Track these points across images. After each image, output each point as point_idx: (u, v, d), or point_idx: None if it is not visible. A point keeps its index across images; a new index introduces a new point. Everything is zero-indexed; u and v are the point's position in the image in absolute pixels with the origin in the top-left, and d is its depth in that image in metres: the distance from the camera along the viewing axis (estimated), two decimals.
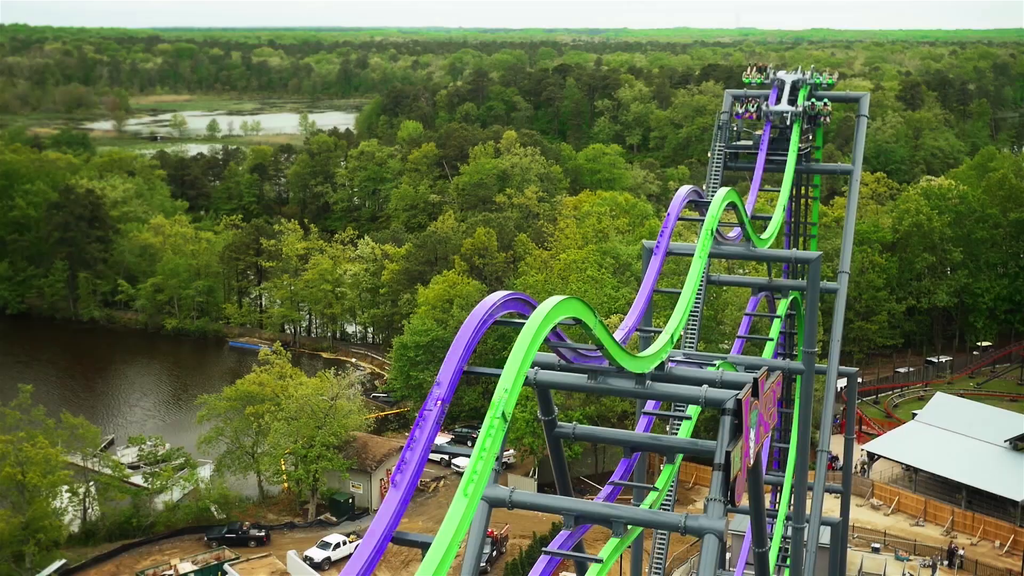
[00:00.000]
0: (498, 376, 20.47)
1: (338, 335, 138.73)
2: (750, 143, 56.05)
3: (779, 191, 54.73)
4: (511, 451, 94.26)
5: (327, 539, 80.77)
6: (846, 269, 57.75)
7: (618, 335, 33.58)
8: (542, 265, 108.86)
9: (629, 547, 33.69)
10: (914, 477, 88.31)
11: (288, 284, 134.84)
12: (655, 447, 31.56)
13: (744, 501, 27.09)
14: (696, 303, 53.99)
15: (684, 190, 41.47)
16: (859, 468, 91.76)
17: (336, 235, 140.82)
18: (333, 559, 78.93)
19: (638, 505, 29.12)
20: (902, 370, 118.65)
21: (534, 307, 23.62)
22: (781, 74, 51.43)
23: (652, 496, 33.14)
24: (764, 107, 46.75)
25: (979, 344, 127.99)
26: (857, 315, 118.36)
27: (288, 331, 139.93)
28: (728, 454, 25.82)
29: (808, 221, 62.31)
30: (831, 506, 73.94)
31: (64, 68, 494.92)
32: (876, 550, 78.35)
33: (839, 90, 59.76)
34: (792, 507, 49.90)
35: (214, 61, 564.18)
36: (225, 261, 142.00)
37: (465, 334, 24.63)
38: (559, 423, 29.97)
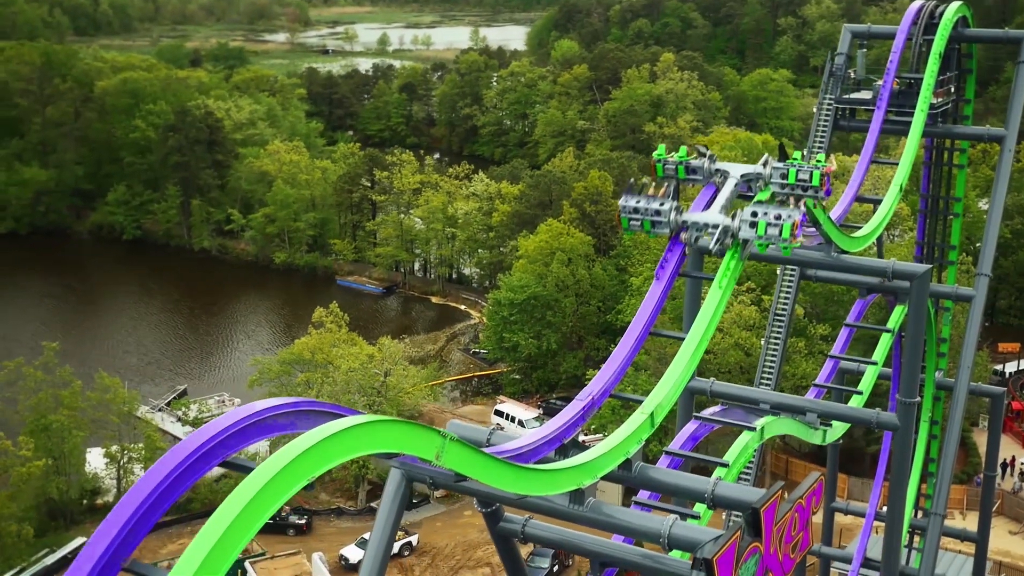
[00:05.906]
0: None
1: (453, 277, 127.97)
2: (869, 96, 42.48)
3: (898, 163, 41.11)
4: (600, 436, 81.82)
5: (367, 535, 70.29)
6: (986, 271, 42.94)
7: (572, 410, 21.29)
8: None
9: None
10: None
11: (399, 220, 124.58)
12: (637, 566, 20.08)
13: None
14: (782, 314, 40.90)
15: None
16: (1015, 483, 75.83)
17: (450, 169, 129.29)
18: None
19: None
20: None
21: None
22: (725, 165, 28.31)
23: None
24: (674, 214, 25.31)
25: None
26: None
27: (403, 271, 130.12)
28: None
29: (951, 197, 47.52)
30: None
31: None
32: None
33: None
34: None
35: None
36: (338, 192, 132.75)
37: (150, 482, 12.71)
38: (506, 515, 20.11)
